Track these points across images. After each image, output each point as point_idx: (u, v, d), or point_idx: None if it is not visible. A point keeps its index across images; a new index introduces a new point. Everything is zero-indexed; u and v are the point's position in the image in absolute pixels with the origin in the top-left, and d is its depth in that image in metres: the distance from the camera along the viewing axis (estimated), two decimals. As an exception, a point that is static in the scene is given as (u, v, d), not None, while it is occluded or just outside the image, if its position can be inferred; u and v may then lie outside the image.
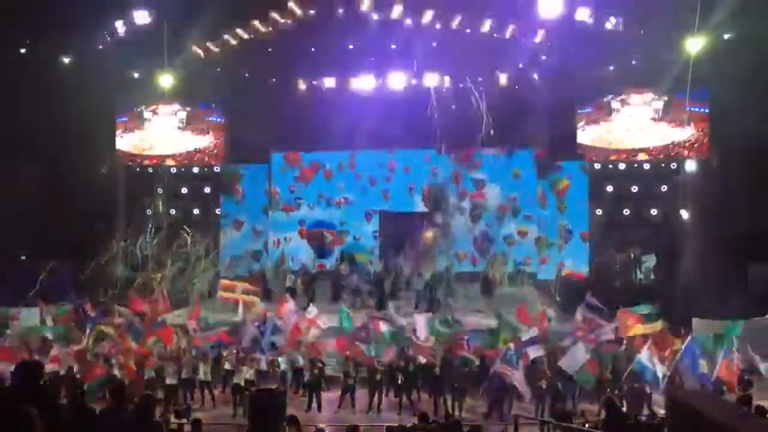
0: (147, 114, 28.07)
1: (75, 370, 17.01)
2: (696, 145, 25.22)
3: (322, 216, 28.34)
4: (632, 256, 26.45)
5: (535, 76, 25.33)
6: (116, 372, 16.90)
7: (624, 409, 14.22)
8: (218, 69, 26.26)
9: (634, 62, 24.89)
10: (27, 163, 25.68)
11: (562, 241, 27.34)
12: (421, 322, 19.06)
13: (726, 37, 22.83)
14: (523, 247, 27.42)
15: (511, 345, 16.73)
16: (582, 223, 27.27)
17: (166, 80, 26.21)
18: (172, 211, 28.91)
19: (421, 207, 27.88)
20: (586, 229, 27.22)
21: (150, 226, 27.38)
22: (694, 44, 22.60)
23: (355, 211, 28.28)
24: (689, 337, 16.51)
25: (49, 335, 19.68)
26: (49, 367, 15.96)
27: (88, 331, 19.28)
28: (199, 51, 25.34)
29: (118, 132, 28.08)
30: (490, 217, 27.49)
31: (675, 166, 26.40)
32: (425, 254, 26.88)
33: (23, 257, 26.56)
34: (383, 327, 18.98)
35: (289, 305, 20.20)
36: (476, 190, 27.61)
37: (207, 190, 29.11)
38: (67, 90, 24.91)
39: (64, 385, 16.37)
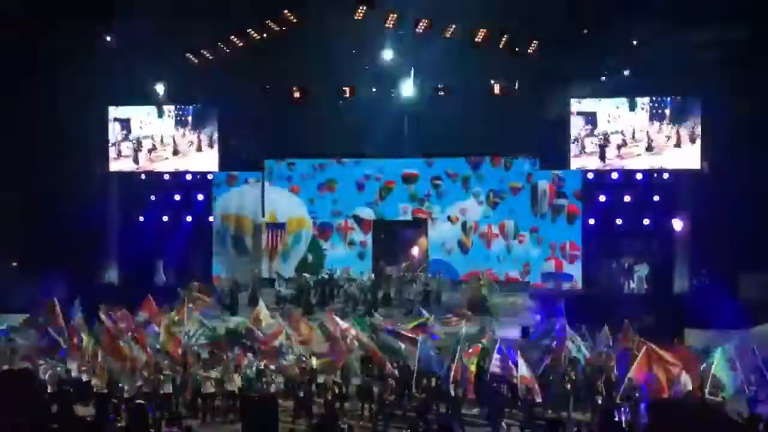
0: (140, 119, 28.01)
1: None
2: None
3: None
4: (625, 266, 26.53)
5: (530, 86, 25.40)
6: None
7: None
8: (212, 76, 26.22)
9: (626, 72, 25.01)
10: (17, 171, 25.55)
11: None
12: None
13: (720, 43, 23.03)
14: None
15: None
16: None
17: (159, 87, 26.38)
18: (165, 218, 28.80)
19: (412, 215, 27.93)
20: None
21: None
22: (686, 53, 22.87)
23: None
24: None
25: None
26: None
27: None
28: (194, 59, 25.35)
29: (111, 138, 27.99)
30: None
31: (667, 176, 26.48)
32: (416, 262, 26.87)
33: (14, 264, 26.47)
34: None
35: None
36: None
37: (200, 197, 28.98)
38: (60, 97, 24.90)
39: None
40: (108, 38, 25.34)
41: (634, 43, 24.26)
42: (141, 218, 28.74)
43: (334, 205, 27.91)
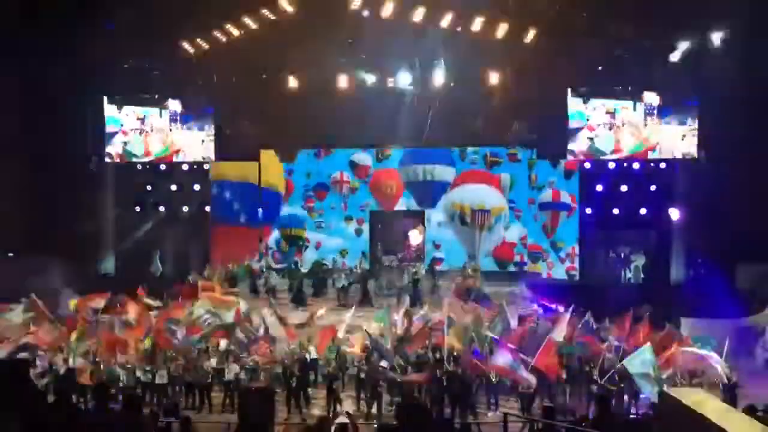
0: (136, 110, 27.84)
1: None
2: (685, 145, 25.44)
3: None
4: (621, 255, 26.57)
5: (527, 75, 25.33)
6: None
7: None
8: (207, 65, 26.12)
9: (625, 64, 24.94)
10: (13, 160, 25.44)
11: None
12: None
13: (717, 35, 22.98)
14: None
15: None
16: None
17: (155, 77, 26.22)
18: (161, 208, 28.75)
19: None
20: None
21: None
22: (683, 43, 22.81)
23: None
24: None
25: None
26: None
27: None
28: (189, 47, 25.23)
29: (107, 129, 27.82)
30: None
31: (664, 166, 26.47)
32: (412, 251, 26.86)
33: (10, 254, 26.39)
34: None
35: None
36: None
37: (196, 187, 28.90)
38: (55, 86, 24.75)
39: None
40: (104, 28, 25.17)
41: (633, 35, 24.23)
42: (137, 208, 28.69)
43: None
